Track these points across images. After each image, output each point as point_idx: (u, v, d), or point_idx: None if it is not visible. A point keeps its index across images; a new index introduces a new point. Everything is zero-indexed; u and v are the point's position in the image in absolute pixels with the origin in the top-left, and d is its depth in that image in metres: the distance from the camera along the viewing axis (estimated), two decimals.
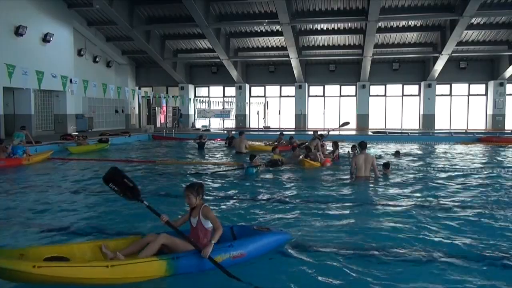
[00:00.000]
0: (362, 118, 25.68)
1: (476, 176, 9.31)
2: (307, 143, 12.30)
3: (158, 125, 28.30)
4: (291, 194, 7.45)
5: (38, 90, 18.73)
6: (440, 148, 16.04)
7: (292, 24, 20.31)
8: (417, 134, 21.06)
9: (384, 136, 20.34)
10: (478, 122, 25.44)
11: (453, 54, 22.22)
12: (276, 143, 14.80)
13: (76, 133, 18.91)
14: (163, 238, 3.93)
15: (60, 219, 5.78)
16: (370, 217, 5.79)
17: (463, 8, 17.92)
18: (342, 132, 19.98)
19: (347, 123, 15.63)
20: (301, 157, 11.22)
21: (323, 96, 26.92)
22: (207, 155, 13.96)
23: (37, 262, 3.31)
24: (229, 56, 23.66)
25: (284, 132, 17.10)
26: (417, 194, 7.32)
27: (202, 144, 15.63)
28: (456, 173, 9.61)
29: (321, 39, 23.57)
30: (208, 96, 28.45)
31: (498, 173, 9.82)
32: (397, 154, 12.00)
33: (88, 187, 8.05)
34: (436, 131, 22.90)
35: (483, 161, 12.32)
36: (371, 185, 8.23)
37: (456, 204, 6.57)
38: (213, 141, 18.40)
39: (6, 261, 3.24)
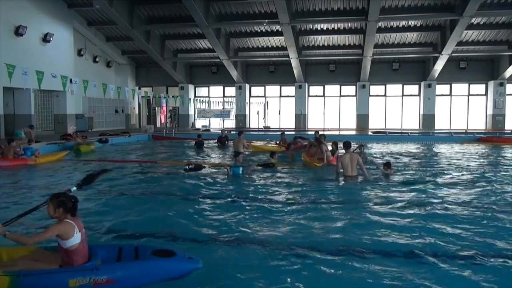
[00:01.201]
0: (362, 118, 25.68)
1: (476, 176, 9.29)
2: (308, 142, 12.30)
3: (158, 125, 28.31)
4: (281, 195, 7.40)
5: (38, 90, 18.74)
6: (440, 148, 16.04)
7: (292, 24, 20.30)
8: (417, 134, 21.06)
9: (384, 136, 20.35)
10: (478, 122, 25.44)
11: (453, 54, 22.23)
12: (280, 143, 14.81)
13: (74, 131, 18.92)
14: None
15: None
16: (360, 217, 5.78)
17: (463, 8, 17.92)
18: (342, 133, 19.97)
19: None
20: (303, 155, 11.22)
21: (323, 96, 26.92)
22: (204, 155, 13.94)
23: None
24: (229, 56, 23.66)
25: (286, 132, 17.05)
26: (412, 193, 7.33)
27: (201, 143, 15.69)
28: (455, 173, 9.61)
29: (321, 39, 23.57)
30: (208, 96, 28.45)
31: (498, 173, 9.81)
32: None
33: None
34: (436, 131, 22.90)
35: (483, 161, 12.31)
36: (360, 185, 8.24)
37: (455, 203, 6.56)
38: (211, 141, 18.36)
39: None
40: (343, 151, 9.36)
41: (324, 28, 22.31)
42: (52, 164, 11.45)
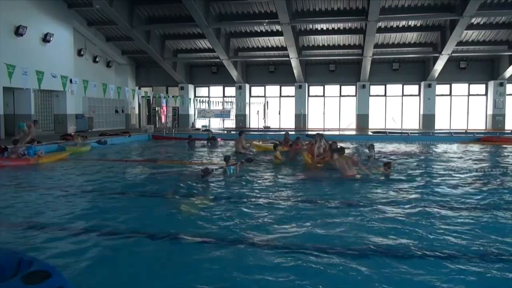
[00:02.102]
0: (362, 118, 25.67)
1: (475, 175, 9.30)
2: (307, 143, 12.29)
3: (158, 125, 28.33)
4: (278, 194, 7.43)
5: (38, 90, 18.75)
6: (440, 148, 16.03)
7: (292, 24, 20.30)
8: (417, 134, 21.05)
9: (384, 136, 20.33)
10: (478, 122, 25.44)
11: (453, 54, 22.23)
12: (283, 142, 14.76)
13: (74, 131, 18.94)
14: None
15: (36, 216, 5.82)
16: (357, 216, 5.79)
17: (463, 8, 17.92)
18: (342, 132, 19.97)
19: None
20: (304, 154, 11.22)
21: (323, 96, 26.92)
22: (198, 155, 13.95)
23: None
24: (229, 56, 23.67)
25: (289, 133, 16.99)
26: (411, 193, 7.33)
27: (192, 143, 15.95)
28: (454, 173, 9.61)
29: (321, 39, 23.57)
30: (208, 96, 28.46)
31: (498, 172, 9.81)
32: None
33: (80, 187, 8.07)
34: (436, 131, 22.89)
35: (483, 161, 12.31)
36: (359, 185, 8.26)
37: (453, 203, 6.57)
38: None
39: None
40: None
41: (324, 28, 22.31)
42: (54, 163, 11.46)
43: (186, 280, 3.76)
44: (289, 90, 27.08)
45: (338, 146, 9.46)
